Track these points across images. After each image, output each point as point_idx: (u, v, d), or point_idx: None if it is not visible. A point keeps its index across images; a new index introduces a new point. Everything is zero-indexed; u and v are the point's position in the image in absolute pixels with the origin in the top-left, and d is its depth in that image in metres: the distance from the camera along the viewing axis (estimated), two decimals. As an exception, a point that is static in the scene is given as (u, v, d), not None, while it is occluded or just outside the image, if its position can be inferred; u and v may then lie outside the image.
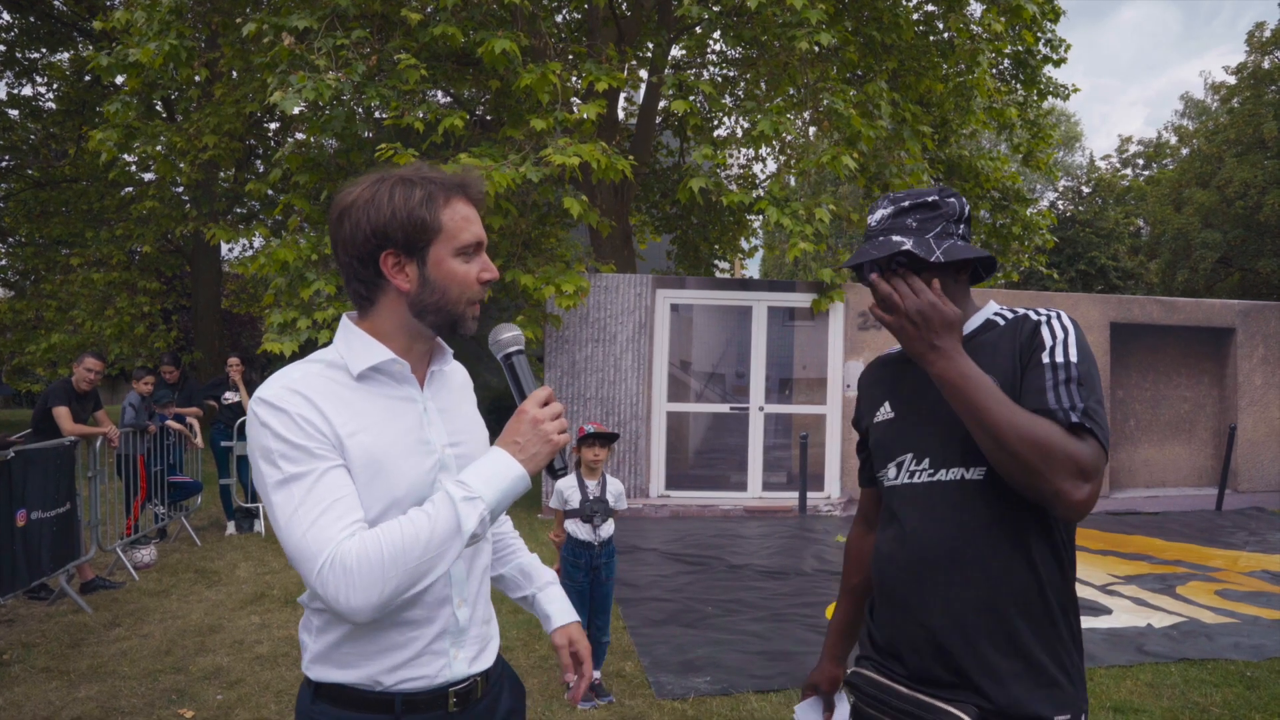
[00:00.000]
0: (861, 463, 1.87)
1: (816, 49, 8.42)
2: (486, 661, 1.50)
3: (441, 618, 1.41)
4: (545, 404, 1.39)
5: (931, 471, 1.55)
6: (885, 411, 1.69)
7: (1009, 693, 1.45)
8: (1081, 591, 6.13)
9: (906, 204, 1.60)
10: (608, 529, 4.21)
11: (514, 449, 1.35)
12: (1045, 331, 1.51)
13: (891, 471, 1.64)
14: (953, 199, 1.61)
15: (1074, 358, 1.47)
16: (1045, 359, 1.47)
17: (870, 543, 1.84)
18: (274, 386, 1.33)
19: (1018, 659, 1.47)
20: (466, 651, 1.46)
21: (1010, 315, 1.63)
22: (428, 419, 1.44)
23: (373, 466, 1.33)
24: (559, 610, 1.69)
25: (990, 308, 1.67)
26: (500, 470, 1.33)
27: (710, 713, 4.01)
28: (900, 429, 1.64)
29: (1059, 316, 1.53)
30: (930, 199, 1.60)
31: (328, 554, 1.23)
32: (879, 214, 1.63)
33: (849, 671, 1.70)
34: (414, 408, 1.43)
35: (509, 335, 1.48)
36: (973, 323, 1.64)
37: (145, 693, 4.20)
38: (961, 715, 1.45)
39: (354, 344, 1.40)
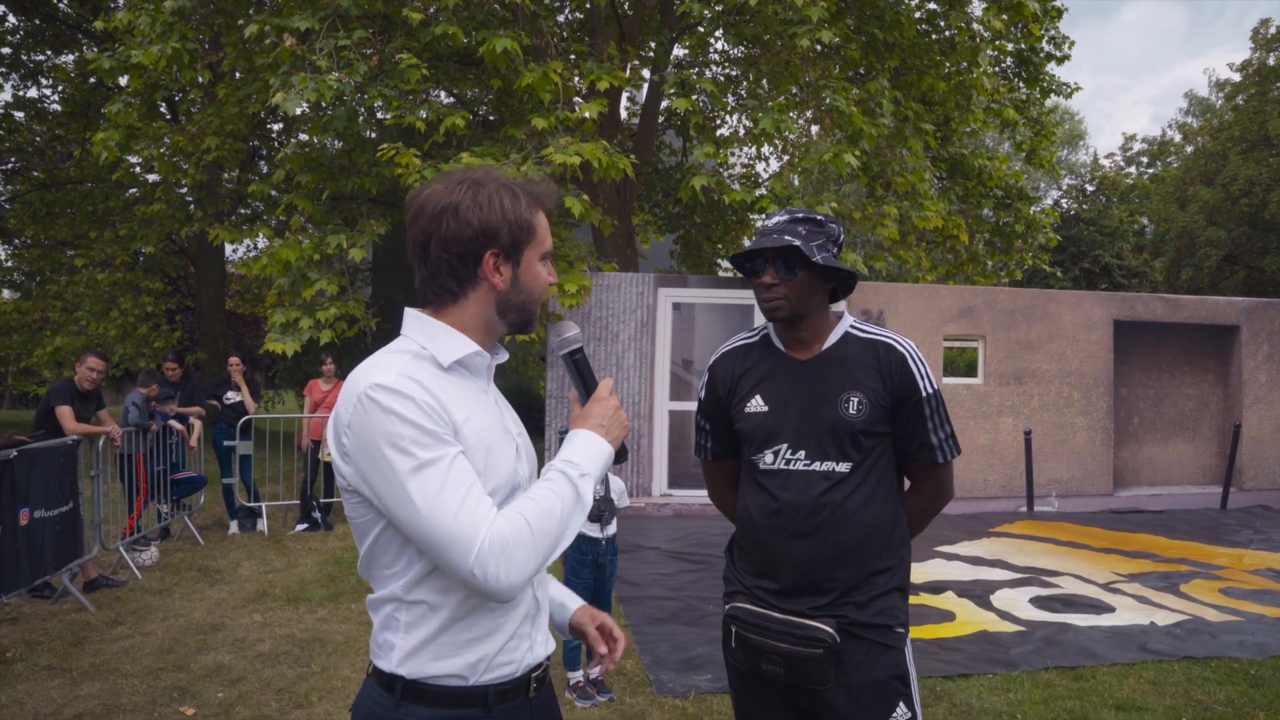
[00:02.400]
0: (715, 440, 2.16)
1: (819, 47, 8.41)
2: (551, 645, 1.55)
3: (525, 600, 1.46)
4: (610, 393, 1.52)
5: (807, 462, 1.94)
6: (758, 404, 2.00)
7: (863, 610, 1.91)
8: (1084, 590, 6.12)
9: (800, 216, 1.96)
10: (612, 526, 4.23)
11: (601, 431, 1.46)
12: (914, 366, 1.94)
13: (768, 457, 1.98)
14: (834, 225, 1.97)
15: (936, 386, 1.97)
16: (923, 395, 1.94)
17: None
18: (391, 373, 1.33)
19: (869, 588, 1.92)
20: (541, 634, 1.51)
21: (865, 333, 2.00)
22: (501, 409, 1.52)
23: (485, 451, 1.38)
24: (570, 596, 1.69)
25: (846, 322, 2.03)
26: (598, 450, 1.44)
27: (710, 710, 4.01)
28: (775, 422, 1.97)
29: (914, 346, 1.98)
30: (818, 218, 1.96)
31: (484, 534, 1.26)
32: (775, 220, 1.97)
33: (728, 607, 2.03)
34: (489, 399, 1.49)
35: (573, 334, 1.56)
36: (833, 336, 2.00)
37: (147, 690, 4.21)
38: (824, 627, 1.88)
39: (438, 336, 1.43)
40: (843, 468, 1.92)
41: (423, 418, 1.30)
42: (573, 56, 9.46)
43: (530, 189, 1.48)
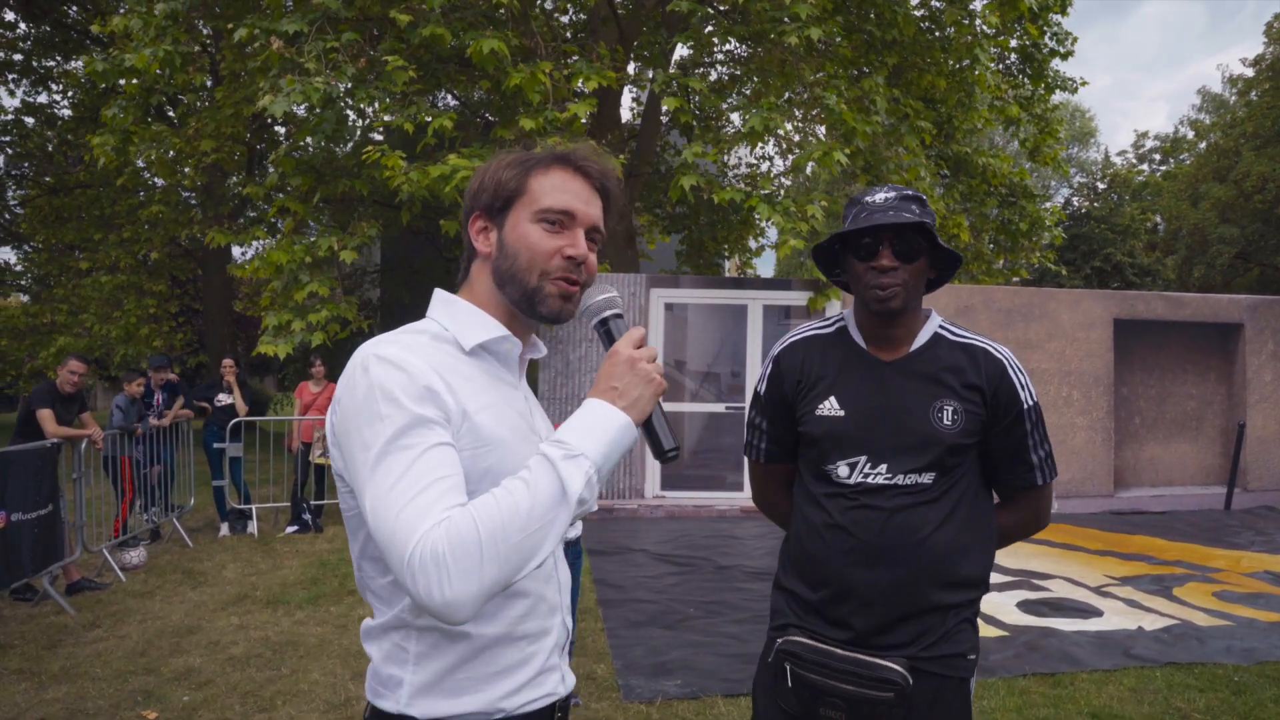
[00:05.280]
0: (770, 440, 1.91)
1: (821, 46, 8.34)
2: (573, 677, 1.40)
3: (556, 629, 1.29)
4: (638, 346, 1.24)
5: (889, 475, 1.71)
6: (831, 407, 1.77)
7: (937, 643, 1.71)
8: (1073, 593, 6.01)
9: (909, 194, 1.71)
10: (576, 529, 4.18)
11: (612, 395, 1.17)
12: (1015, 376, 1.73)
13: (843, 470, 1.75)
14: (929, 207, 1.76)
15: (1035, 398, 1.76)
16: (1024, 408, 1.74)
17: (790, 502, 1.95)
18: (392, 348, 1.16)
19: (943, 619, 1.72)
20: (566, 662, 1.36)
21: (958, 335, 1.78)
22: (529, 407, 1.33)
23: (496, 447, 1.18)
24: None
25: (935, 320, 1.80)
26: (601, 421, 1.14)
27: (675, 716, 3.95)
28: (852, 430, 1.74)
29: (1012, 354, 1.77)
30: (923, 198, 1.74)
31: (418, 539, 1.03)
32: (882, 195, 1.71)
33: (780, 642, 1.79)
34: (518, 394, 1.31)
35: (602, 299, 1.30)
36: (923, 335, 1.77)
37: (113, 694, 4.20)
38: (896, 667, 1.66)
39: (460, 315, 1.27)
40: (925, 478, 1.70)
41: (413, 397, 1.11)
42: (568, 59, 9.43)
43: (552, 153, 1.30)
